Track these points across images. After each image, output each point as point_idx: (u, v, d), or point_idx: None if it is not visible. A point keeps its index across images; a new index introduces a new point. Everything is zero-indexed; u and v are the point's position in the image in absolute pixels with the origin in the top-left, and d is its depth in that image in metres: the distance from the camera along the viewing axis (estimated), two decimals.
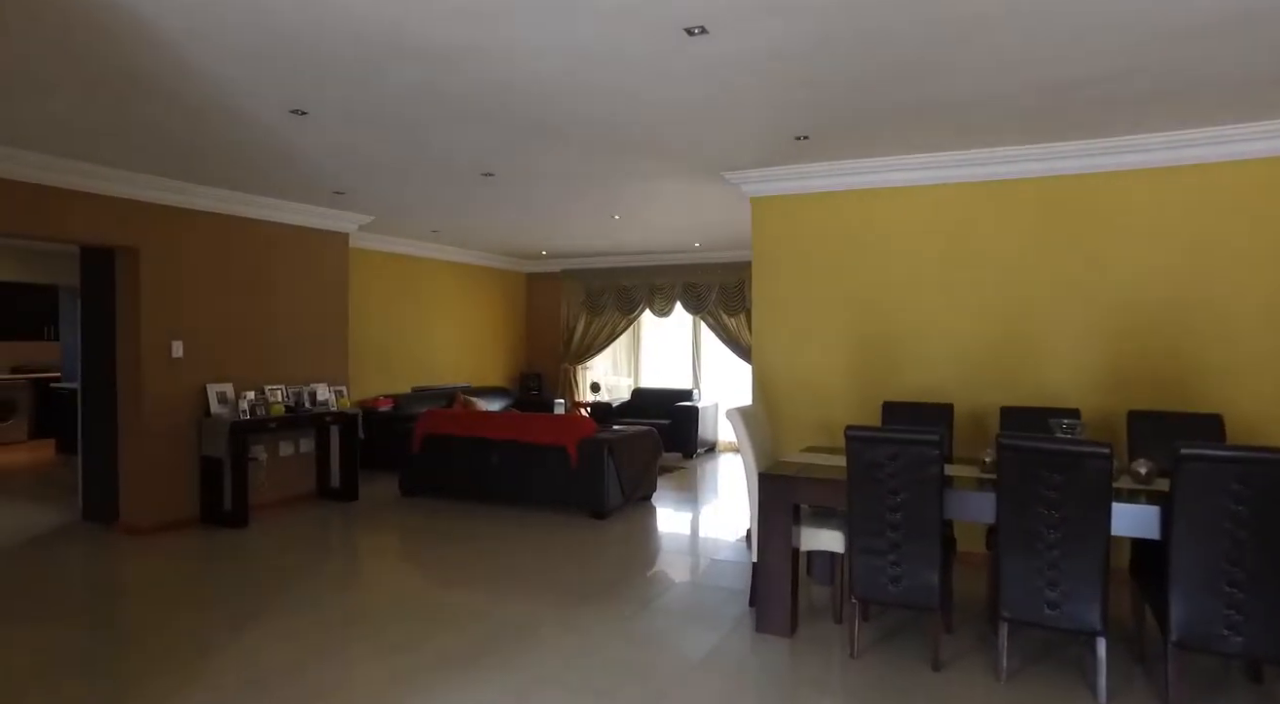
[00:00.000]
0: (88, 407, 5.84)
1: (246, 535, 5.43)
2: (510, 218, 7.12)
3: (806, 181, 5.13)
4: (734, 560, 4.91)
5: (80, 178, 4.95)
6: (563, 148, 4.60)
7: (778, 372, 5.34)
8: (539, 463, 6.09)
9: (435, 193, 5.92)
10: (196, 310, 5.71)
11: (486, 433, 6.30)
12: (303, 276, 6.55)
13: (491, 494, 6.33)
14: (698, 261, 9.93)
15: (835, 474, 3.57)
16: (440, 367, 9.47)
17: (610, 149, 4.64)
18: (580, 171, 5.23)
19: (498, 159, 4.88)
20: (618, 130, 4.25)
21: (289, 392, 6.28)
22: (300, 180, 5.46)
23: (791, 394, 5.29)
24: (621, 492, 6.07)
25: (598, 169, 5.16)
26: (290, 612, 3.94)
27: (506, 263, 10.59)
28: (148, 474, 5.42)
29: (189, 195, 5.57)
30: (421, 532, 5.60)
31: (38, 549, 5.07)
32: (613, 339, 10.59)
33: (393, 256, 8.71)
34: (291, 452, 6.42)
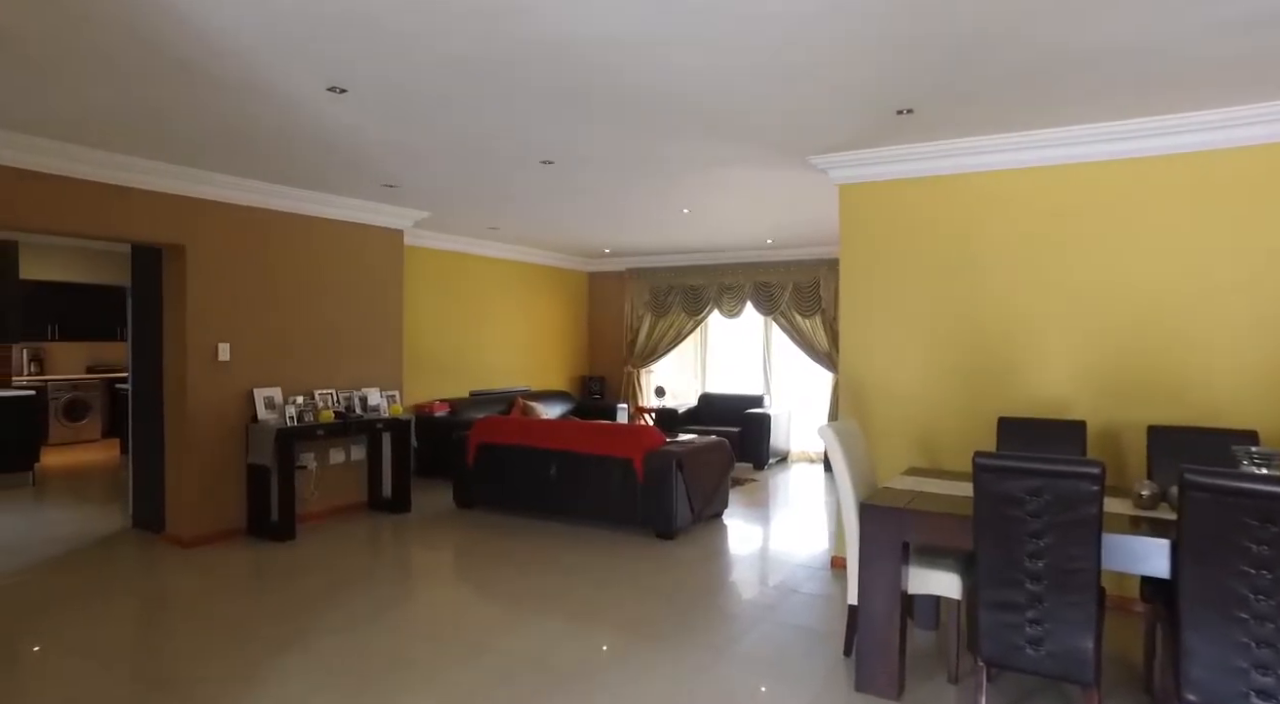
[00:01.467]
0: (138, 410, 5.64)
1: (293, 550, 5.11)
2: (571, 212, 6.68)
3: (906, 165, 4.50)
4: (819, 594, 4.33)
5: (125, 173, 4.71)
6: (629, 129, 4.11)
7: (869, 381, 4.72)
8: (601, 476, 5.61)
9: (490, 183, 5.51)
10: (244, 311, 5.44)
11: (544, 443, 5.85)
12: (355, 275, 6.23)
13: (550, 509, 5.88)
14: (770, 259, 9.32)
15: (953, 507, 2.97)
16: (499, 370, 9.11)
17: (684, 131, 4.12)
18: (648, 158, 4.73)
19: (557, 143, 4.42)
20: (694, 109, 3.73)
21: (339, 396, 5.96)
22: (347, 171, 5.11)
23: (884, 406, 4.67)
24: (691, 509, 5.55)
25: (668, 154, 4.65)
26: (330, 645, 3.55)
27: (568, 261, 10.18)
28: (193, 483, 5.16)
29: (235, 190, 5.30)
30: (475, 550, 5.18)
31: (80, 560, 4.85)
32: (678, 341, 10.07)
33: (450, 255, 8.39)
34: (342, 459, 6.11)
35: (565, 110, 3.80)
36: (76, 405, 10.24)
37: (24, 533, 5.52)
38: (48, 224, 4.47)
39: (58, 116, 3.87)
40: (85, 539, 5.34)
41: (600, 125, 4.06)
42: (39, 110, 3.77)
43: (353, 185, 5.55)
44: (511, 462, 6.02)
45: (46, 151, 4.33)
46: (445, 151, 4.59)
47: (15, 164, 4.28)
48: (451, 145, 4.45)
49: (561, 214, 6.75)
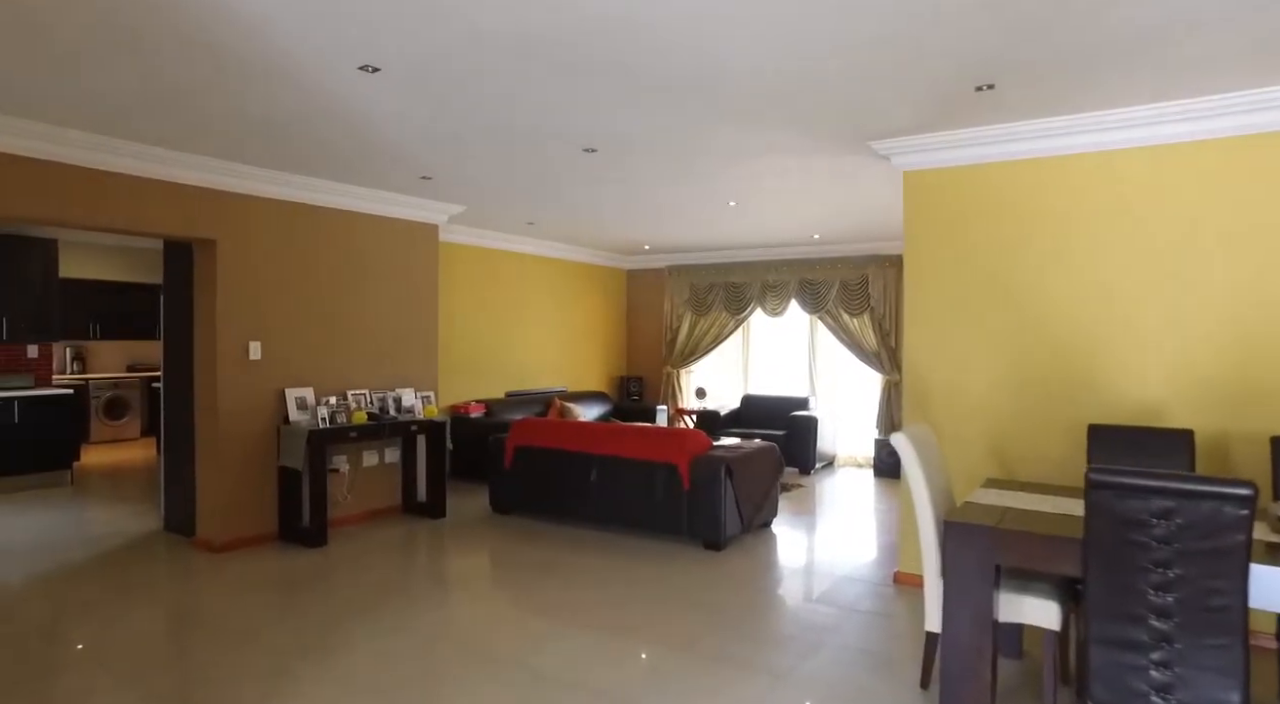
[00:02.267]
0: (170, 411, 5.49)
1: (324, 557, 4.91)
2: (613, 205, 6.39)
3: (982, 149, 4.13)
4: (884, 613, 3.99)
5: (155, 165, 4.54)
6: (678, 112, 3.81)
7: (934, 383, 4.37)
8: (645, 482, 5.32)
9: (530, 174, 5.25)
10: (276, 308, 5.25)
11: (584, 446, 5.58)
12: (389, 272, 6.03)
13: (590, 515, 5.61)
14: (815, 256, 8.95)
15: (1054, 527, 2.62)
16: (535, 370, 8.88)
17: (736, 114, 3.81)
18: (697, 145, 4.43)
19: (602, 128, 4.14)
20: (748, 89, 3.43)
21: (373, 397, 5.76)
22: (380, 161, 4.89)
23: (951, 411, 4.31)
24: (740, 518, 5.23)
25: (718, 141, 4.35)
26: (357, 657, 3.31)
27: (606, 258, 9.91)
28: (224, 486, 4.99)
29: (266, 183, 5.11)
30: (511, 559, 4.93)
31: (108, 565, 4.70)
32: (720, 341, 9.74)
33: (485, 251, 8.17)
34: (375, 462, 5.91)
35: (611, 91, 3.51)
36: (117, 404, 10.25)
37: (57, 534, 5.40)
38: (80, 218, 4.32)
39: (87, 104, 3.69)
40: (116, 542, 5.20)
41: (648, 108, 3.77)
42: (69, 96, 3.59)
43: (387, 177, 5.33)
44: (550, 465, 5.76)
45: (79, 144, 4.17)
46: (484, 138, 4.34)
47: (51, 157, 4.13)
48: (491, 131, 4.20)
49: (603, 207, 6.48)
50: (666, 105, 3.72)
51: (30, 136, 4.03)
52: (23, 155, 4.07)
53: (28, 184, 4.10)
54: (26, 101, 3.67)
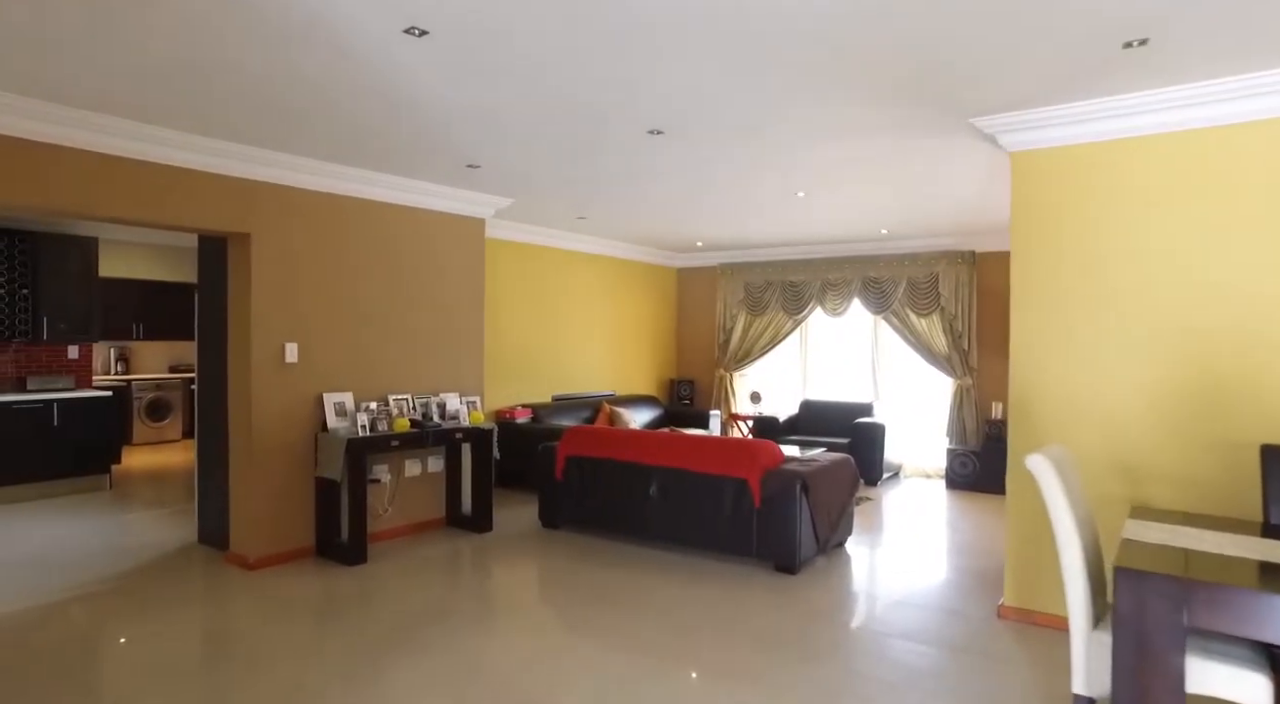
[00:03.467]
0: (204, 416, 5.18)
1: (362, 576, 4.53)
2: (674, 196, 5.91)
3: (1119, 122, 3.56)
4: (993, 655, 3.46)
5: (189, 154, 4.21)
6: (757, 86, 3.33)
7: (1046, 392, 3.82)
8: (710, 498, 4.85)
9: (587, 161, 4.81)
10: (314, 308, 4.90)
11: (644, 457, 5.13)
12: (433, 269, 5.65)
13: (649, 533, 5.15)
14: (881, 253, 8.38)
15: (1261, 580, 2.09)
16: (582, 373, 8.46)
17: (822, 85, 3.32)
18: (774, 123, 3.95)
19: (671, 106, 3.68)
20: (838, 54, 2.94)
21: (415, 403, 5.38)
22: (425, 148, 4.50)
23: (1068, 424, 3.76)
24: (815, 538, 4.73)
25: (797, 119, 3.86)
26: (394, 692, 2.90)
27: (656, 256, 9.46)
28: (258, 498, 4.64)
29: (303, 172, 4.76)
30: (563, 580, 4.49)
31: (138, 581, 4.37)
32: (776, 343, 9.22)
33: (529, 248, 7.77)
34: (418, 472, 5.52)
35: (685, 60, 3.05)
36: (159, 405, 10.11)
37: (90, 543, 5.12)
38: (108, 210, 4.00)
39: (119, 79, 3.35)
40: (148, 554, 4.89)
41: (724, 81, 3.30)
42: (102, 67, 3.25)
43: (431, 166, 4.94)
44: (605, 477, 5.32)
45: (107, 130, 3.85)
46: (539, 118, 3.91)
47: (76, 144, 3.81)
48: (548, 110, 3.77)
49: (662, 199, 6.00)
50: (745, 76, 3.24)
51: (53, 121, 3.71)
52: (44, 142, 3.75)
53: (50, 172, 3.78)
54: (47, 82, 3.34)
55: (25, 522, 5.78)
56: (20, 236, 6.99)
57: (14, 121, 3.62)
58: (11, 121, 3.61)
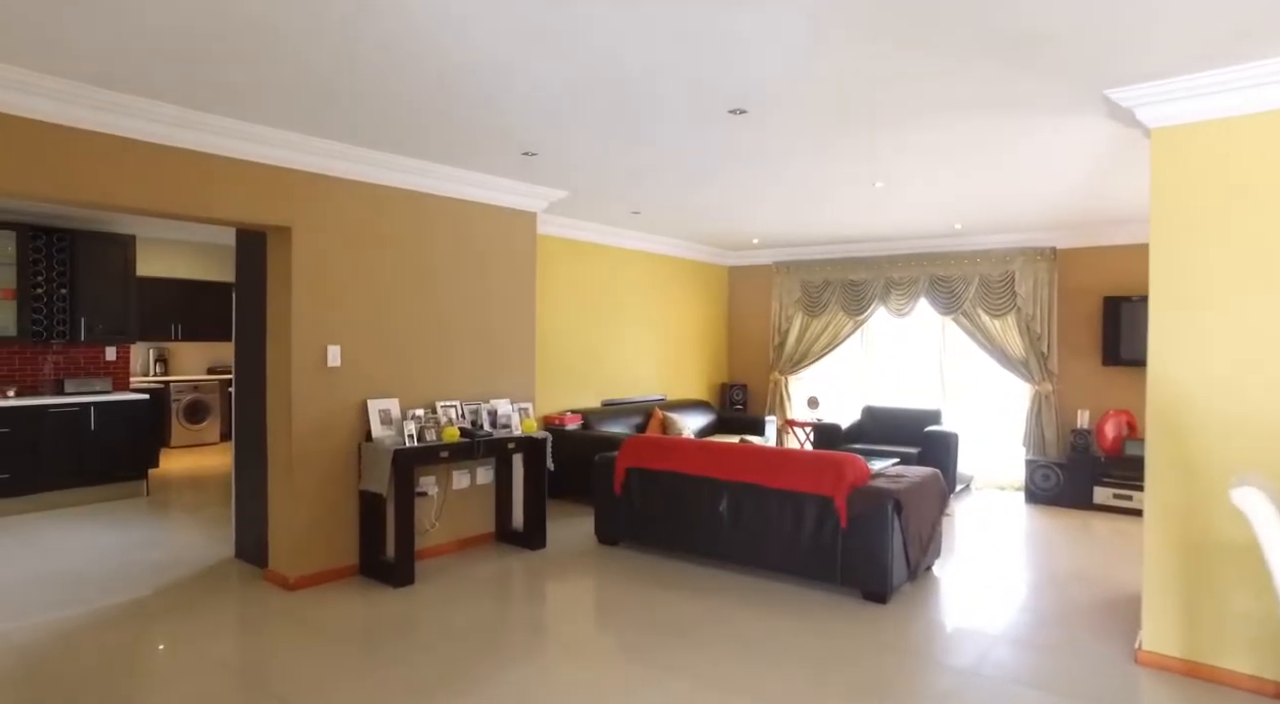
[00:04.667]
0: (241, 423, 4.86)
1: (409, 599, 4.16)
2: (744, 187, 5.43)
3: None
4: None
5: (226, 140, 3.88)
6: (860, 52, 2.89)
7: (1196, 399, 3.30)
8: (789, 516, 4.40)
9: (656, 147, 4.39)
10: (357, 307, 4.55)
11: (713, 471, 4.70)
12: (483, 266, 5.28)
13: (718, 552, 4.72)
14: (951, 249, 7.85)
15: None
16: (631, 376, 8.04)
17: (952, 50, 2.86)
18: (878, 104, 3.49)
19: (762, 78, 3.24)
20: (961, 17, 2.49)
21: (464, 410, 5.00)
22: (479, 134, 4.12)
23: (1223, 437, 3.24)
24: (906, 563, 4.26)
25: (897, 95, 3.40)
26: None
27: (707, 254, 9.01)
28: (298, 512, 4.30)
29: (346, 161, 4.41)
30: (625, 606, 4.08)
31: (171, 601, 4.05)
32: (835, 345, 8.72)
33: (579, 245, 7.37)
34: (467, 484, 5.16)
35: (778, 24, 2.62)
36: (197, 407, 9.94)
37: (124, 557, 4.83)
38: (150, 203, 3.67)
39: (153, 57, 3.01)
40: (184, 571, 4.58)
41: (825, 50, 2.85)
42: (131, 39, 2.91)
43: (486, 154, 4.56)
44: (670, 491, 4.89)
45: (139, 113, 3.52)
46: (609, 94, 3.49)
47: (121, 132, 3.50)
48: (620, 87, 3.36)
49: (729, 190, 5.53)
50: (852, 41, 2.80)
51: (86, 104, 3.39)
52: (77, 127, 3.44)
53: (82, 160, 3.46)
54: (76, 59, 3.01)
55: (60, 531, 5.52)
56: (58, 235, 6.78)
57: (43, 104, 3.31)
58: (41, 105, 3.30)
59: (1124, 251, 6.95)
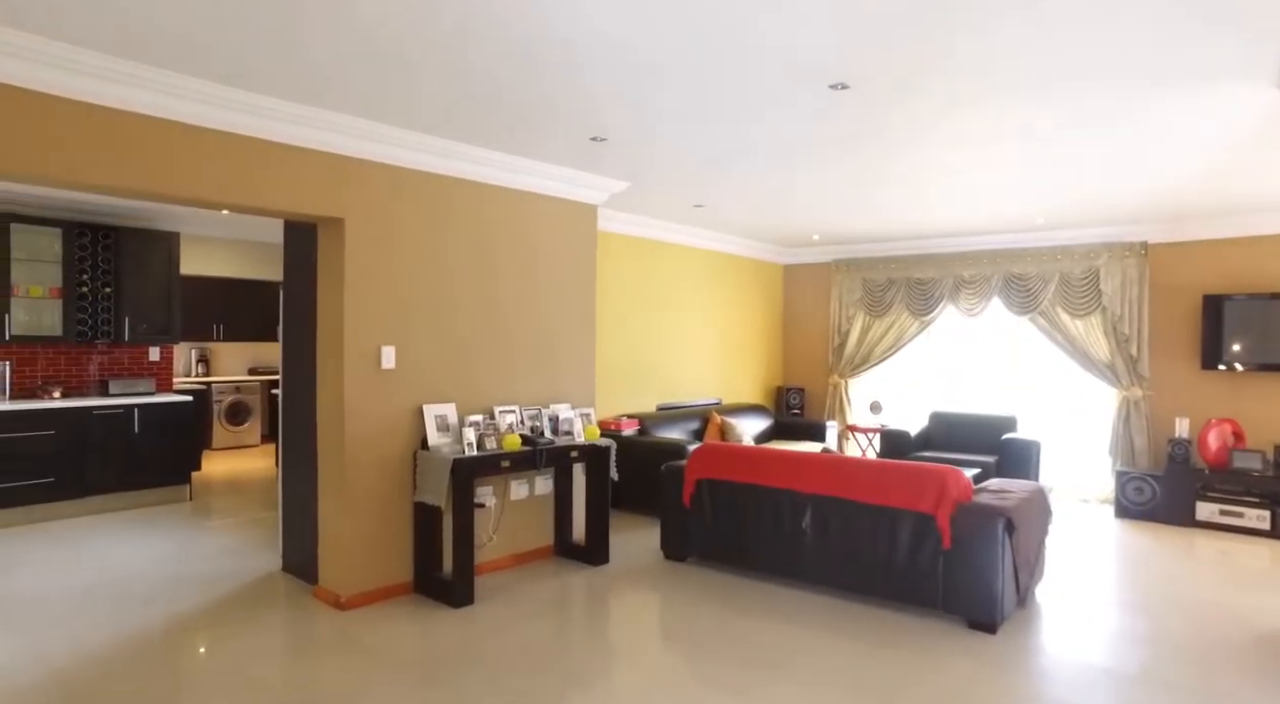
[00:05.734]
0: (288, 429, 4.59)
1: (469, 621, 3.84)
2: (825, 175, 4.98)
3: None
4: None
5: (272, 122, 3.59)
6: (1007, 12, 2.50)
7: None
8: (882, 535, 4.01)
9: (740, 128, 4.02)
10: (413, 305, 4.25)
11: (794, 483, 4.32)
12: (542, 262, 4.96)
13: (798, 571, 4.34)
14: (1028, 245, 7.36)
15: None
16: (686, 379, 7.67)
17: (1118, 10, 2.47)
18: (1003, 73, 3.09)
19: (872, 45, 2.86)
20: None
21: (523, 415, 4.68)
22: (550, 114, 3.79)
23: None
24: (1016, 588, 3.85)
25: (1037, 64, 2.99)
26: None
27: (763, 251, 8.61)
28: (350, 525, 4.00)
29: (405, 148, 4.12)
30: (710, 634, 3.71)
31: (217, 622, 3.78)
32: (898, 347, 8.27)
33: (631, 240, 7.02)
34: (525, 494, 4.83)
35: None
36: (238, 408, 9.79)
37: (168, 568, 4.59)
38: (197, 192, 3.40)
39: (199, 27, 2.73)
40: (229, 585, 4.32)
41: (949, 8, 2.47)
42: (146, 15, 2.63)
43: (551, 140, 4.23)
44: (745, 505, 4.52)
45: (181, 92, 3.25)
46: (696, 64, 3.14)
47: (143, 110, 3.22)
48: (716, 60, 3.00)
49: (811, 177, 5.04)
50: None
51: (132, 83, 3.13)
52: (121, 109, 3.17)
53: (127, 144, 3.20)
54: (120, 29, 2.74)
55: (105, 539, 5.31)
56: (103, 233, 6.61)
57: (85, 83, 3.04)
58: (83, 84, 3.04)
59: (1228, 245, 6.41)
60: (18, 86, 2.93)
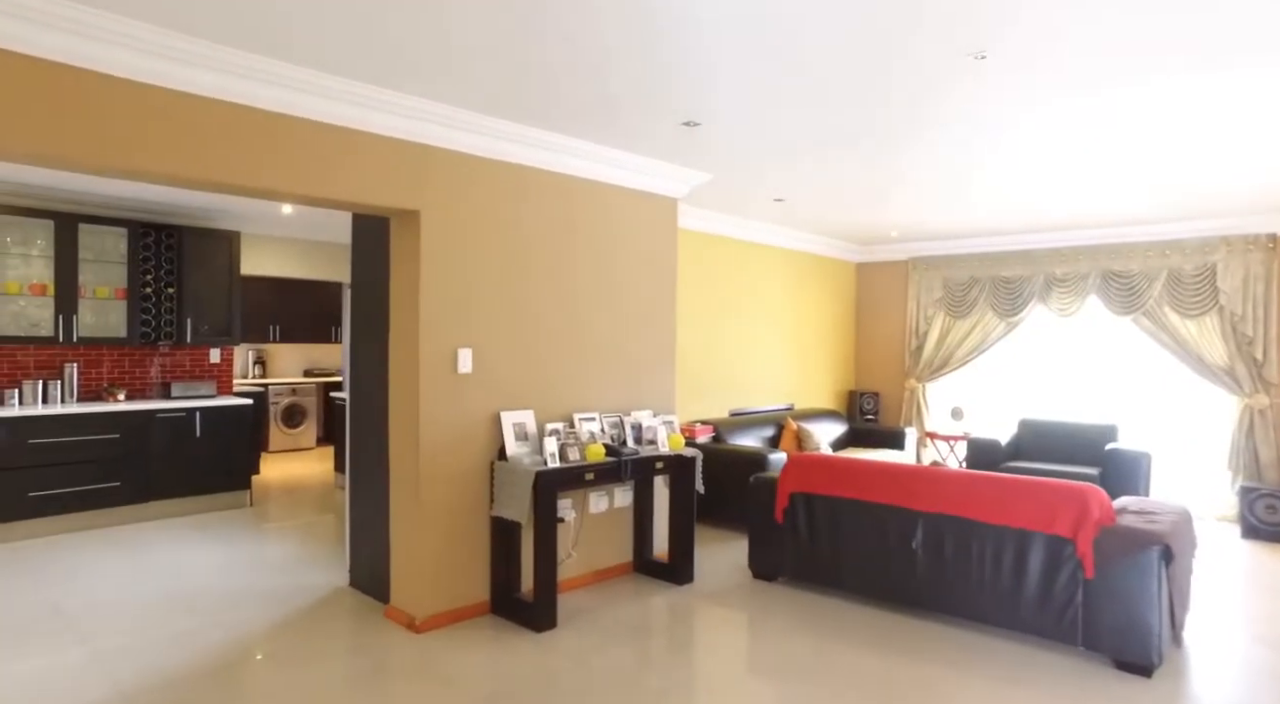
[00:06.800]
0: (355, 437, 4.35)
1: (552, 648, 3.53)
2: (932, 160, 4.56)
3: None
4: None
5: (345, 106, 3.33)
6: None
7: None
8: (1007, 559, 3.59)
9: (853, 107, 3.65)
10: (491, 305, 3.96)
11: (904, 499, 3.92)
12: (621, 258, 4.64)
13: (908, 597, 3.94)
14: (1131, 240, 6.82)
15: None
16: (757, 383, 7.28)
17: None
18: (1168, 34, 2.67)
19: (1021, 9, 2.47)
20: None
21: (604, 423, 4.37)
22: (645, 94, 3.46)
23: None
24: (1172, 624, 3.39)
25: (1219, 32, 2.57)
26: None
27: (836, 248, 8.18)
28: (425, 541, 3.72)
29: (484, 135, 3.83)
30: (820, 668, 3.33)
31: (283, 646, 3.53)
32: (982, 349, 7.77)
33: (707, 238, 6.67)
34: (604, 507, 4.51)
35: None
36: (294, 411, 9.70)
37: (232, 579, 4.38)
38: (271, 182, 3.16)
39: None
40: (295, 603, 4.08)
41: None
42: None
43: (642, 125, 3.90)
44: (847, 522, 4.14)
45: (247, 72, 3.01)
46: (821, 29, 2.78)
47: (204, 92, 2.99)
48: (843, 24, 2.64)
49: (911, 162, 4.60)
50: None
51: (184, 59, 2.89)
52: (188, 92, 2.94)
53: (180, 131, 2.96)
54: (169, 4, 2.49)
55: (167, 546, 5.14)
56: (167, 232, 6.49)
57: (152, 65, 2.81)
58: (150, 65, 2.81)
59: None
60: (75, 66, 2.70)
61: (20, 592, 4.19)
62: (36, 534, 5.35)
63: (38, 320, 5.75)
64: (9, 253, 5.64)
